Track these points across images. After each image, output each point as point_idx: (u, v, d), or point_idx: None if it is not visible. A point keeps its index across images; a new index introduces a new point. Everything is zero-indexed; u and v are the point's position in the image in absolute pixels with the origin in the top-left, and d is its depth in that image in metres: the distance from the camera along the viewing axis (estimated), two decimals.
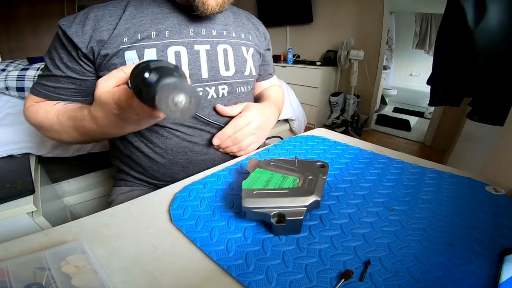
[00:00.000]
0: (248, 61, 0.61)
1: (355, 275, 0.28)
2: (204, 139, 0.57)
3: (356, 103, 2.97)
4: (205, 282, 0.29)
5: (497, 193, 0.43)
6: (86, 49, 0.48)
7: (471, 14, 0.88)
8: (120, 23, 0.49)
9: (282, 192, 0.36)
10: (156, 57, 0.48)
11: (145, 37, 0.49)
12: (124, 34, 0.49)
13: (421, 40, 3.94)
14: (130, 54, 0.48)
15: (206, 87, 0.54)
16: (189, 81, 0.27)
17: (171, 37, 0.51)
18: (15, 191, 0.66)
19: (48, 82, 0.52)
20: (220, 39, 0.56)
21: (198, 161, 0.58)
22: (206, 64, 0.54)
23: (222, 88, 0.56)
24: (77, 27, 0.47)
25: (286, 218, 0.33)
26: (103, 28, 0.48)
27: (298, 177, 0.39)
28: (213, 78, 0.55)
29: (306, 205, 0.34)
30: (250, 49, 0.62)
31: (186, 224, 0.36)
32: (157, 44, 0.50)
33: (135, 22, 0.50)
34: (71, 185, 1.01)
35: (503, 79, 0.89)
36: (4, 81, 1.00)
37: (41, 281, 0.26)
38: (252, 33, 0.64)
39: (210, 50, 0.55)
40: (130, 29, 0.49)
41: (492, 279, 0.28)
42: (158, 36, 0.50)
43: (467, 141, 1.60)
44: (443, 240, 0.33)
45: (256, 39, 0.65)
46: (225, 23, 0.59)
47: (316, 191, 0.36)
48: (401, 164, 0.53)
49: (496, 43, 0.88)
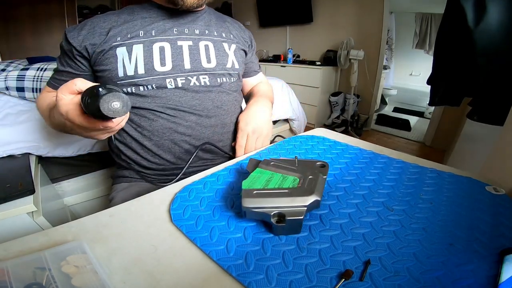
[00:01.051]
0: (230, 56, 0.68)
1: (355, 275, 0.28)
2: (187, 120, 0.62)
3: (356, 103, 2.97)
4: (205, 282, 0.29)
5: (497, 193, 0.43)
6: (80, 47, 0.57)
7: (471, 14, 0.88)
8: (114, 28, 0.58)
9: (282, 192, 0.36)
10: (142, 52, 0.58)
11: (134, 36, 0.58)
12: (117, 35, 0.57)
13: (421, 40, 3.94)
14: (121, 50, 0.57)
15: (188, 76, 0.61)
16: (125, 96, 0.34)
17: (157, 35, 0.59)
18: (15, 191, 0.66)
19: (57, 76, 0.62)
20: (202, 36, 0.64)
21: (182, 142, 0.62)
22: (189, 57, 0.62)
23: (203, 77, 0.63)
24: (75, 32, 0.57)
25: (286, 218, 0.33)
26: (97, 32, 0.57)
27: (298, 177, 0.39)
28: (194, 69, 0.62)
29: (306, 205, 0.34)
30: (232, 45, 0.69)
31: (186, 224, 0.36)
32: (144, 41, 0.58)
33: (127, 26, 0.59)
34: (71, 185, 1.01)
35: (503, 79, 0.89)
36: (4, 81, 1.00)
37: (41, 281, 0.26)
38: (233, 33, 0.72)
39: (193, 46, 0.63)
40: (123, 31, 0.58)
41: (492, 279, 0.28)
42: (146, 34, 0.59)
43: (467, 141, 1.60)
44: (443, 240, 0.33)
45: (238, 38, 0.72)
46: (208, 24, 0.67)
47: (316, 191, 0.36)
48: (401, 164, 0.53)
49: (496, 43, 0.88)
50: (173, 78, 0.60)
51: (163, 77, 0.59)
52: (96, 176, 1.04)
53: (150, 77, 0.58)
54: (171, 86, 0.60)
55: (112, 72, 0.57)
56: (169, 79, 0.59)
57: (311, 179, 0.39)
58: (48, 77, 1.03)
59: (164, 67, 0.59)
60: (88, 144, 0.99)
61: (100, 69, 0.58)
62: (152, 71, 0.58)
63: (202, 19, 0.66)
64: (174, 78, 0.60)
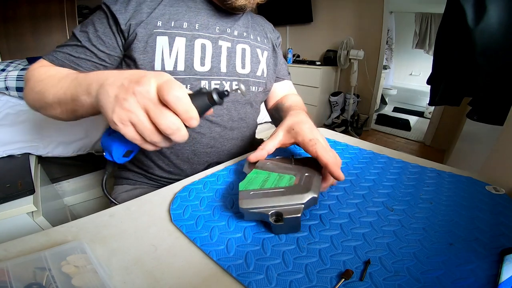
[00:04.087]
0: (261, 63, 0.64)
1: (355, 274, 0.28)
2: (212, 131, 0.58)
3: (356, 103, 2.97)
4: (205, 282, 0.29)
5: (497, 192, 0.43)
6: (125, 26, 0.51)
7: (471, 14, 0.89)
8: (159, 7, 0.52)
9: (278, 191, 0.36)
10: (184, 46, 0.53)
11: (177, 26, 0.53)
12: (159, 18, 0.52)
13: (421, 40, 3.94)
14: (162, 40, 0.51)
15: (223, 81, 0.57)
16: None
17: (200, 30, 0.55)
18: (15, 191, 0.66)
19: (72, 52, 0.52)
20: (240, 39, 0.60)
21: (203, 153, 0.59)
22: (226, 60, 0.57)
23: (235, 84, 0.58)
24: (121, 5, 0.51)
25: (284, 217, 0.32)
26: (144, 10, 0.51)
27: (294, 175, 0.39)
28: (230, 73, 0.58)
29: (303, 202, 0.34)
30: (264, 52, 0.65)
31: (186, 224, 0.36)
32: (187, 34, 0.53)
33: (171, 10, 0.53)
34: (71, 185, 1.01)
35: (503, 78, 0.89)
36: (3, 81, 1.00)
37: (41, 281, 0.26)
38: (269, 36, 0.68)
39: (231, 48, 0.58)
40: (165, 15, 0.52)
41: (492, 279, 0.28)
42: (189, 27, 0.54)
43: (467, 140, 1.60)
44: (443, 239, 0.33)
45: (272, 41, 0.68)
46: (246, 25, 0.63)
47: (312, 188, 0.35)
48: (401, 164, 0.53)
49: (496, 42, 0.88)
50: (208, 81, 0.55)
51: (199, 77, 0.54)
52: (96, 176, 1.05)
53: (188, 76, 0.53)
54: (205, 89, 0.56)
55: (146, 63, 0.51)
56: (205, 81, 0.55)
57: (307, 176, 0.39)
58: None
59: (203, 67, 0.54)
60: (88, 144, 0.99)
61: (134, 56, 0.51)
62: (191, 70, 0.53)
63: (242, 20, 0.62)
64: (209, 81, 0.55)
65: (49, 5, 2.67)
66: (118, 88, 0.31)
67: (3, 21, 2.54)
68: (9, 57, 2.56)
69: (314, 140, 0.41)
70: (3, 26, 2.55)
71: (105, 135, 0.39)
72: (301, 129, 0.45)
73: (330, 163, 0.38)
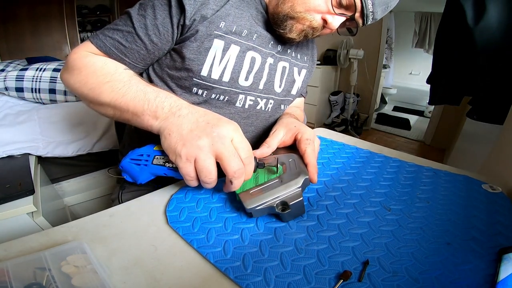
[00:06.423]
0: (297, 82, 0.61)
1: (354, 275, 0.28)
2: None
3: (355, 102, 2.97)
4: (205, 282, 0.29)
5: (493, 191, 0.43)
6: (189, 20, 0.46)
7: (471, 13, 0.88)
8: (226, 6, 0.48)
9: (274, 183, 0.38)
10: (235, 57, 0.50)
11: (237, 32, 0.49)
12: (224, 18, 0.48)
13: (420, 39, 3.93)
14: (218, 43, 0.48)
15: (257, 98, 0.55)
16: None
17: (256, 42, 0.52)
18: (14, 192, 0.66)
19: (122, 39, 0.47)
20: (282, 56, 0.57)
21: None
22: (266, 77, 0.54)
23: (270, 102, 0.57)
24: None
25: (289, 204, 0.35)
26: (211, 6, 0.47)
27: (281, 164, 0.42)
28: (266, 91, 0.56)
29: (299, 186, 0.36)
30: (302, 70, 0.62)
31: (182, 226, 0.36)
32: (242, 44, 0.50)
33: (237, 12, 0.50)
34: (71, 185, 1.01)
35: (503, 77, 0.89)
36: (3, 81, 1.00)
37: (41, 281, 0.26)
38: (309, 54, 0.64)
39: (273, 65, 0.55)
40: (230, 16, 0.48)
41: (489, 278, 0.28)
42: (247, 36, 0.51)
43: (467, 140, 1.60)
44: (441, 239, 0.33)
45: (311, 58, 0.66)
46: (297, 44, 0.59)
47: (302, 170, 0.39)
48: (398, 163, 0.53)
49: (496, 41, 0.87)
50: (245, 96, 0.53)
51: (239, 91, 0.52)
52: (96, 176, 1.05)
53: (229, 89, 0.51)
54: (239, 104, 0.53)
55: (194, 65, 0.47)
56: (242, 95, 0.52)
57: (291, 162, 0.42)
58: (47, 77, 1.03)
59: (245, 82, 0.52)
60: (88, 144, 0.99)
61: (184, 53, 0.47)
62: (235, 82, 0.51)
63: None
64: (245, 96, 0.53)
65: (48, 6, 2.67)
66: (193, 124, 0.35)
67: (2, 21, 2.54)
68: (8, 57, 2.56)
69: (309, 141, 0.45)
70: (2, 26, 2.55)
71: (128, 160, 0.40)
72: (302, 126, 0.49)
73: (311, 164, 0.42)
